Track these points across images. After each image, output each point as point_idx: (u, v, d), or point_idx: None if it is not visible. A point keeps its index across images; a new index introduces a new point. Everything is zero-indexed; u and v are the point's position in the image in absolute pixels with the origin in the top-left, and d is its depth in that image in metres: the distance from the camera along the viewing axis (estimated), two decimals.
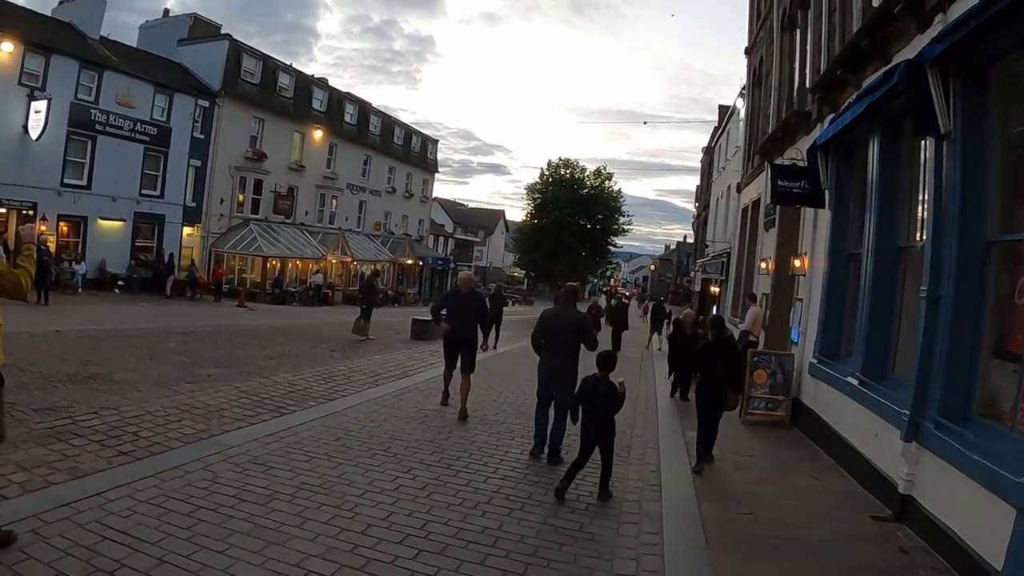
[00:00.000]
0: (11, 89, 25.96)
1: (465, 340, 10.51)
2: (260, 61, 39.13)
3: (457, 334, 10.48)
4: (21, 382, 9.47)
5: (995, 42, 5.64)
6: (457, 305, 10.68)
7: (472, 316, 10.64)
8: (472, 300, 10.89)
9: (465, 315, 10.52)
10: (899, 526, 6.47)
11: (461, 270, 60.81)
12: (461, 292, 10.95)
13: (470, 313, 10.60)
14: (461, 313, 10.53)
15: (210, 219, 36.30)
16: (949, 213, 6.23)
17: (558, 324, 8.57)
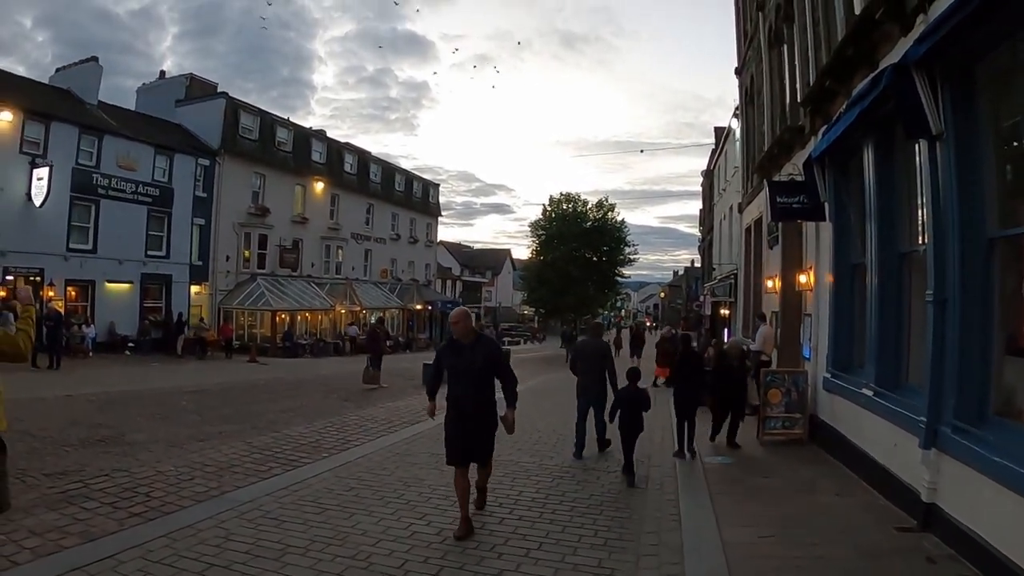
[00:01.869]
0: (13, 157, 26.36)
1: (475, 416, 6.84)
2: (257, 117, 39.56)
3: (462, 411, 6.86)
4: (33, 448, 9.54)
5: (977, 38, 5.60)
6: (457, 365, 6.95)
7: (480, 376, 6.88)
8: (478, 352, 6.90)
9: (470, 377, 6.86)
10: (925, 536, 6.30)
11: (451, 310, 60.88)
12: (459, 344, 7.00)
13: (477, 373, 6.86)
14: (464, 375, 6.91)
15: (217, 276, 36.50)
16: (948, 213, 6.16)
17: (587, 351, 11.25)
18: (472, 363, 6.84)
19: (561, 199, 52.84)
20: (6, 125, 26.00)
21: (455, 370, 6.96)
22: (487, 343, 7.21)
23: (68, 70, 32.89)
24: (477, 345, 6.95)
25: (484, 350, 6.97)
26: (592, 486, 8.63)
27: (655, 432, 12.71)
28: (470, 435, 6.85)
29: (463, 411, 6.87)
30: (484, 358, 6.90)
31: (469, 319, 7.10)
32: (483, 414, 6.94)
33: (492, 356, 7.01)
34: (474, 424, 6.85)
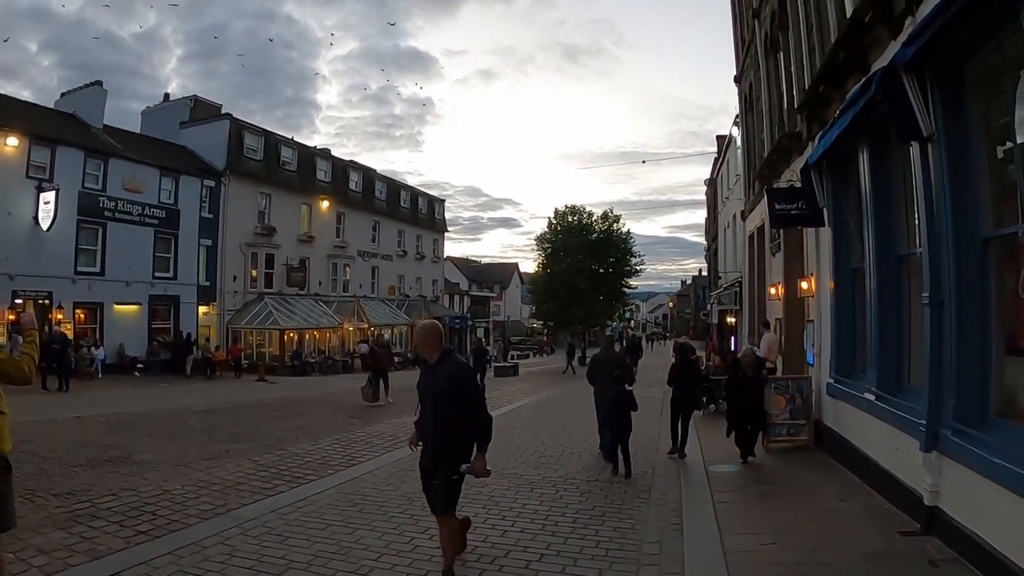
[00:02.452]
0: (19, 182, 26.55)
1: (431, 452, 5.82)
2: (261, 137, 39.77)
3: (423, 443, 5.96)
4: (41, 468, 9.66)
5: (964, 38, 5.63)
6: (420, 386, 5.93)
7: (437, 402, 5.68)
8: (440, 372, 5.73)
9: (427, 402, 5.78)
10: (928, 539, 6.28)
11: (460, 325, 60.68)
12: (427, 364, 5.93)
13: (434, 398, 5.70)
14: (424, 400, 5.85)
15: (224, 297, 36.64)
16: (941, 214, 6.16)
17: (604, 361, 12.09)
18: (431, 385, 5.71)
19: (566, 211, 52.81)
20: (12, 150, 26.21)
21: (420, 392, 5.90)
22: (452, 363, 5.80)
23: (73, 94, 33.13)
24: (440, 364, 5.76)
25: (446, 370, 5.70)
26: (595, 497, 8.63)
27: (661, 443, 12.73)
28: (426, 473, 5.88)
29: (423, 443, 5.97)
30: (444, 380, 5.63)
31: (432, 333, 5.88)
32: (440, 449, 5.72)
33: (453, 378, 5.64)
34: (429, 459, 5.84)
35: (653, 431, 14.10)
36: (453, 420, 5.60)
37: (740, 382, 11.09)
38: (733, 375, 11.58)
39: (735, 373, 11.47)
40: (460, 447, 5.69)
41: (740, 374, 11.20)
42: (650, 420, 15.60)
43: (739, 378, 11.18)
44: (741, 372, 11.22)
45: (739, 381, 11.14)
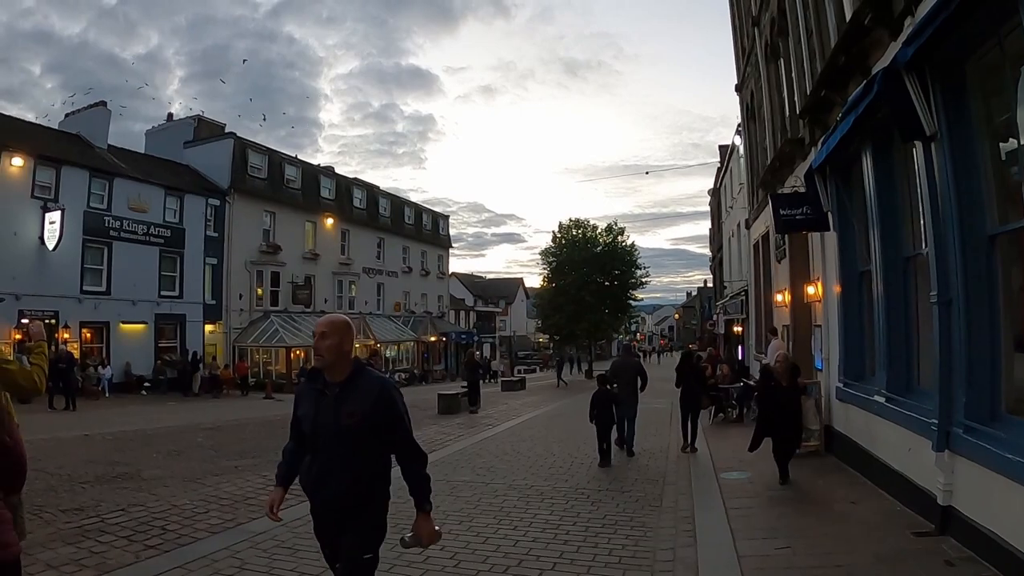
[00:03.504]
0: (25, 202, 26.70)
1: (338, 522, 3.99)
2: (265, 156, 39.96)
3: (317, 511, 4.12)
4: (50, 485, 9.61)
5: (963, 36, 5.66)
6: (314, 418, 3.93)
7: (349, 444, 3.83)
8: (352, 398, 3.85)
9: (332, 444, 3.85)
10: (943, 539, 6.24)
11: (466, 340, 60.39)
12: (324, 380, 3.96)
13: (344, 437, 3.82)
14: (323, 439, 3.89)
15: (230, 315, 36.73)
16: (947, 213, 6.16)
17: (624, 368, 13.34)
18: (335, 416, 3.73)
19: (571, 225, 52.85)
20: (17, 170, 26.35)
21: (312, 428, 3.83)
22: (370, 382, 3.85)
23: (77, 115, 33.30)
24: (351, 384, 3.79)
25: (362, 394, 3.77)
26: (606, 507, 8.58)
27: (671, 452, 12.71)
28: (330, 558, 4.16)
29: (318, 511, 3.99)
30: (361, 407, 3.73)
31: (343, 334, 3.84)
32: (348, 511, 3.86)
33: (377, 404, 3.77)
34: (330, 528, 3.98)
35: (662, 441, 14.10)
36: (372, 468, 3.84)
37: (772, 392, 9.80)
38: (764, 384, 10.31)
39: (766, 382, 10.16)
40: (376, 508, 3.95)
41: (772, 383, 9.87)
42: (658, 430, 15.61)
43: (771, 388, 9.87)
44: (774, 381, 9.85)
45: (771, 391, 9.84)
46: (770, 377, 10.02)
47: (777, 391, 9.66)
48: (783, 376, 9.73)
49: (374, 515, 3.96)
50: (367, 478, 3.88)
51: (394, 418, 3.88)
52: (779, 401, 9.55)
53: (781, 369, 9.80)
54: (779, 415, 9.49)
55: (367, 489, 3.89)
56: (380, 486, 4.01)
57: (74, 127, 32.53)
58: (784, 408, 9.51)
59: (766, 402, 10.05)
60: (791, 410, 9.60)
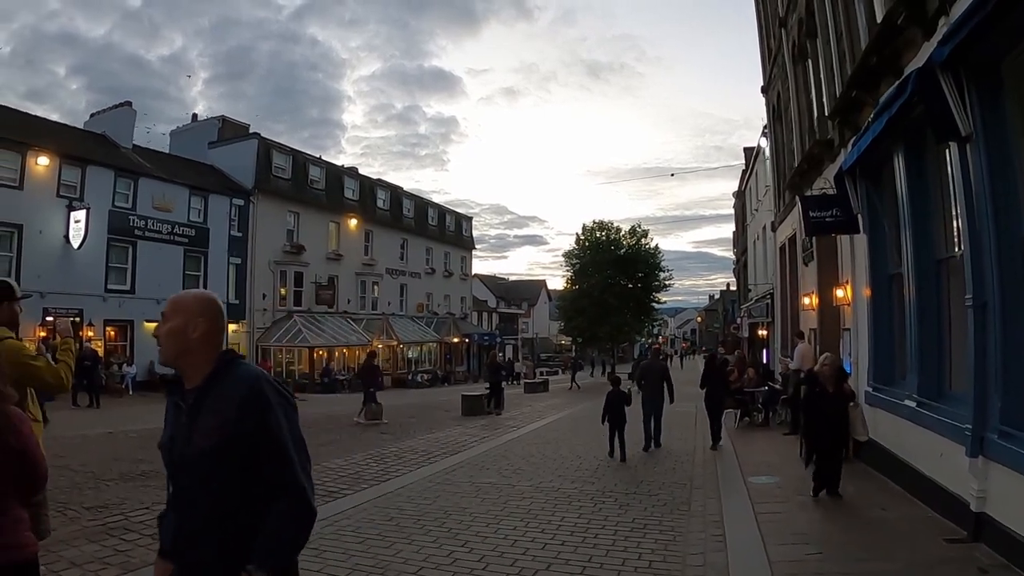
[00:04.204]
0: (51, 201, 27.04)
1: None
2: (289, 156, 40.22)
3: None
4: (74, 482, 9.74)
5: (1001, 35, 5.57)
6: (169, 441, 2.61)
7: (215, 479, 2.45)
8: (208, 410, 2.50)
9: (186, 475, 2.56)
10: (976, 546, 6.14)
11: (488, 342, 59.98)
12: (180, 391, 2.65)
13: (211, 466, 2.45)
14: (178, 469, 2.58)
15: (254, 314, 36.92)
16: (982, 214, 6.08)
17: (651, 369, 14.41)
18: (188, 442, 2.52)
19: (594, 227, 52.73)
20: (43, 170, 26.69)
21: (168, 461, 2.65)
22: (237, 382, 2.56)
23: (102, 115, 33.71)
24: (209, 391, 2.57)
25: (223, 403, 2.51)
26: (634, 510, 8.51)
27: (696, 453, 12.64)
28: None
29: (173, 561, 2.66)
30: (217, 426, 2.48)
31: (192, 316, 2.65)
32: None
33: (243, 419, 2.47)
34: None
35: (688, 444, 14.01)
36: (247, 519, 2.43)
37: (817, 400, 8.82)
38: (809, 391, 9.18)
39: (812, 389, 9.09)
40: None
41: (817, 389, 8.86)
42: (683, 434, 15.53)
43: (816, 395, 8.89)
44: (819, 387, 8.85)
45: (816, 399, 8.87)
46: (815, 383, 8.98)
47: (822, 398, 8.71)
48: (829, 381, 8.77)
49: None
50: (244, 537, 2.39)
51: (266, 434, 2.46)
52: (824, 409, 8.66)
53: (827, 374, 8.82)
54: (824, 425, 8.63)
55: (229, 538, 2.44)
56: (214, 549, 2.47)
57: (99, 127, 32.91)
58: (829, 417, 8.63)
59: (811, 411, 9.00)
60: (837, 419, 8.68)
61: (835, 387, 8.76)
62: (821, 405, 8.71)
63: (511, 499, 9.15)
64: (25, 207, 26.04)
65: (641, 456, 12.65)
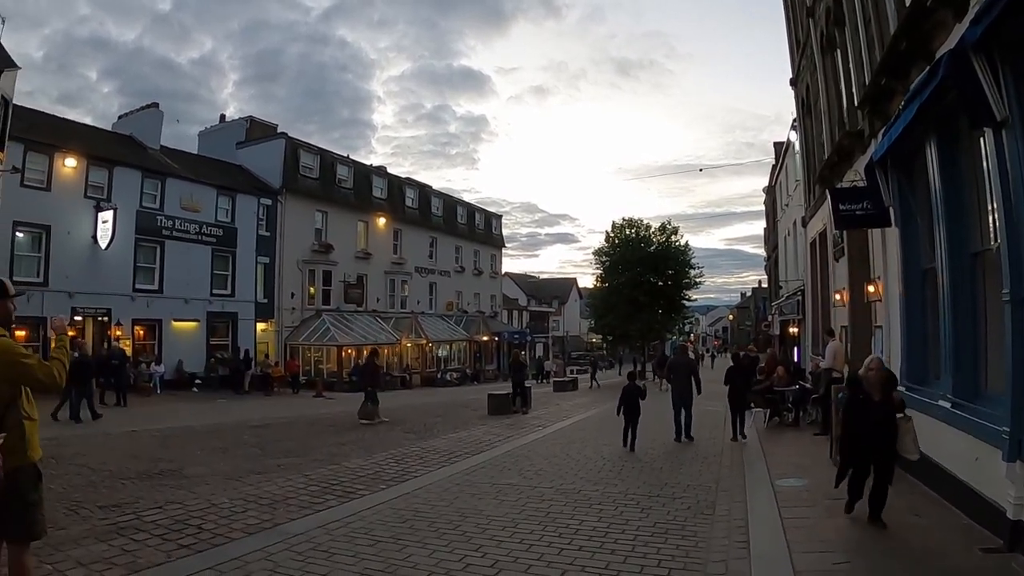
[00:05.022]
0: (78, 202, 27.33)
1: None
2: (317, 156, 40.32)
3: None
4: (90, 481, 9.73)
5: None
6: None
7: None
8: None
9: None
10: (1013, 556, 5.81)
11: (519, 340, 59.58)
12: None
13: None
14: None
15: (282, 313, 37.07)
16: (1020, 204, 5.75)
17: (679, 365, 15.71)
18: None
19: (624, 224, 52.37)
20: (71, 171, 26.96)
21: None
22: None
23: (130, 116, 34.07)
24: None
25: None
26: (657, 513, 8.27)
27: (724, 455, 12.35)
28: None
29: None
30: None
31: None
32: None
33: None
34: None
35: (716, 446, 13.71)
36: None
37: (861, 409, 7.52)
38: (852, 398, 7.79)
39: (854, 395, 7.72)
40: None
41: (862, 397, 7.53)
42: (712, 434, 15.30)
43: (860, 402, 7.54)
44: (863, 394, 7.51)
45: (859, 407, 7.55)
46: (859, 388, 7.61)
47: (866, 407, 7.39)
48: (875, 387, 7.39)
49: None
50: None
51: None
52: (868, 420, 7.35)
53: (874, 379, 7.46)
54: (869, 438, 7.32)
55: None
56: None
57: (127, 129, 33.23)
58: (874, 430, 7.28)
59: (852, 421, 7.66)
60: (883, 433, 7.28)
61: (883, 394, 7.35)
62: (865, 415, 7.40)
63: (530, 501, 8.93)
64: (53, 208, 26.30)
65: (668, 455, 12.46)
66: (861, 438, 7.42)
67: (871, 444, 7.31)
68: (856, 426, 7.51)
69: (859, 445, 7.47)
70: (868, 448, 7.35)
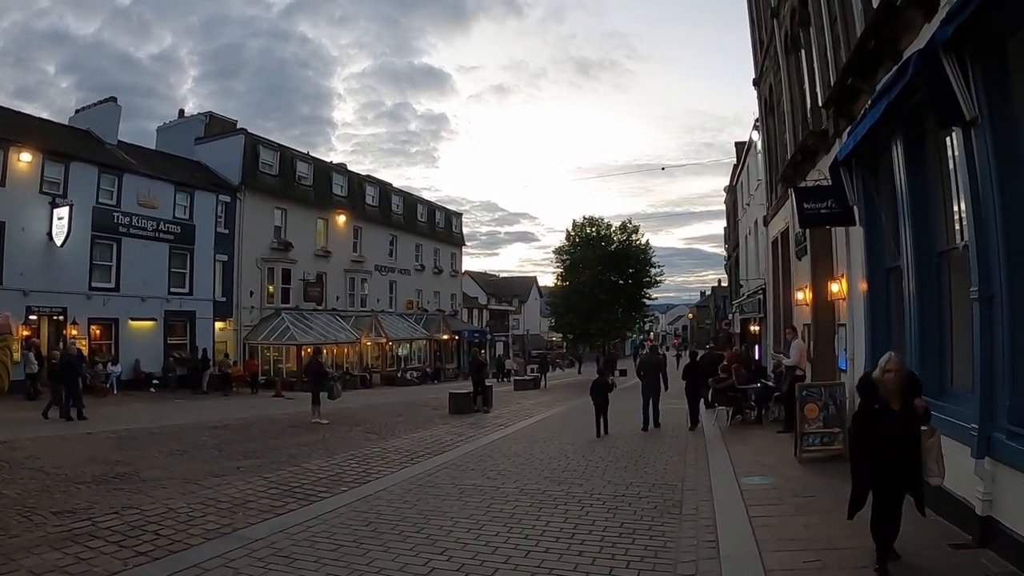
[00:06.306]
0: (33, 197, 26.47)
1: None
2: (277, 152, 39.74)
3: None
4: (44, 485, 9.47)
5: (1008, 12, 5.26)
6: None
7: None
8: None
9: None
10: (982, 552, 5.85)
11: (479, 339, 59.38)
12: None
13: None
14: None
15: (241, 312, 36.47)
16: (988, 203, 5.77)
17: (650, 362, 17.61)
18: None
19: (584, 223, 52.67)
20: (26, 166, 26.19)
21: None
22: None
23: (87, 111, 33.23)
24: None
25: None
26: (623, 513, 8.21)
27: (688, 454, 12.33)
28: None
29: None
30: None
31: None
32: None
33: None
34: None
35: (680, 442, 13.72)
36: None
37: (876, 421, 5.91)
38: (864, 407, 6.12)
39: (868, 403, 6.05)
40: None
41: (877, 406, 5.91)
42: (676, 431, 15.29)
43: (875, 413, 5.94)
44: (879, 403, 5.89)
45: (874, 419, 5.94)
46: (873, 395, 5.97)
47: (883, 418, 5.85)
48: (894, 394, 5.80)
49: None
50: None
51: None
52: (886, 434, 5.78)
53: (892, 383, 5.79)
54: (886, 454, 5.78)
55: None
56: None
57: (84, 123, 32.42)
58: (891, 445, 5.75)
59: (864, 435, 6.04)
60: (903, 449, 5.77)
61: (902, 402, 5.79)
62: (881, 428, 5.84)
63: (495, 502, 8.83)
64: (7, 204, 25.52)
65: (632, 454, 12.41)
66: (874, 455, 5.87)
67: (889, 461, 5.76)
68: (869, 441, 5.93)
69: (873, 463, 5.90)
70: (890, 469, 5.77)
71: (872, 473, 5.92)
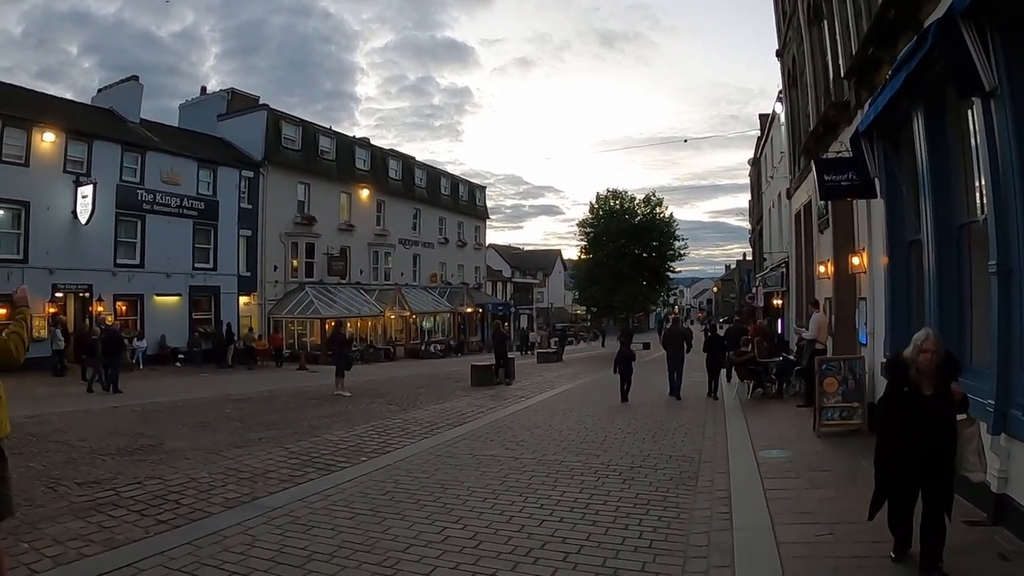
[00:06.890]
0: (57, 177, 26.77)
1: None
2: (299, 127, 39.73)
3: None
4: (70, 457, 9.64)
5: None
6: None
7: None
8: None
9: None
10: (996, 529, 5.83)
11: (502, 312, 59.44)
12: None
13: None
14: None
15: (265, 286, 36.69)
16: (1008, 175, 5.67)
17: (675, 334, 18.32)
18: None
19: (608, 196, 52.34)
20: (49, 146, 26.44)
21: None
22: None
23: (109, 90, 33.45)
24: None
25: None
26: (639, 484, 8.23)
27: (707, 427, 12.33)
28: None
29: None
30: None
31: None
32: None
33: None
34: None
35: (700, 416, 13.70)
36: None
37: (904, 405, 5.25)
38: (894, 388, 5.44)
39: (896, 384, 5.38)
40: None
41: (907, 388, 5.23)
42: (695, 404, 15.27)
43: (904, 396, 5.26)
44: (909, 384, 5.22)
45: (903, 402, 5.27)
46: (903, 376, 5.30)
47: (912, 402, 5.18)
48: (927, 376, 5.14)
49: None
50: None
51: None
52: (917, 419, 5.11)
53: (926, 364, 5.12)
54: (916, 438, 5.11)
55: None
56: None
57: (106, 102, 32.67)
58: (922, 431, 5.09)
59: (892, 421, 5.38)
60: (936, 437, 5.10)
61: (936, 385, 5.15)
62: (909, 413, 5.18)
63: (512, 472, 8.89)
64: (32, 184, 25.85)
65: (652, 425, 12.59)
66: (904, 443, 5.20)
67: (920, 452, 5.10)
68: (897, 427, 5.29)
69: (900, 454, 5.24)
70: (915, 462, 5.14)
71: (899, 458, 5.22)
